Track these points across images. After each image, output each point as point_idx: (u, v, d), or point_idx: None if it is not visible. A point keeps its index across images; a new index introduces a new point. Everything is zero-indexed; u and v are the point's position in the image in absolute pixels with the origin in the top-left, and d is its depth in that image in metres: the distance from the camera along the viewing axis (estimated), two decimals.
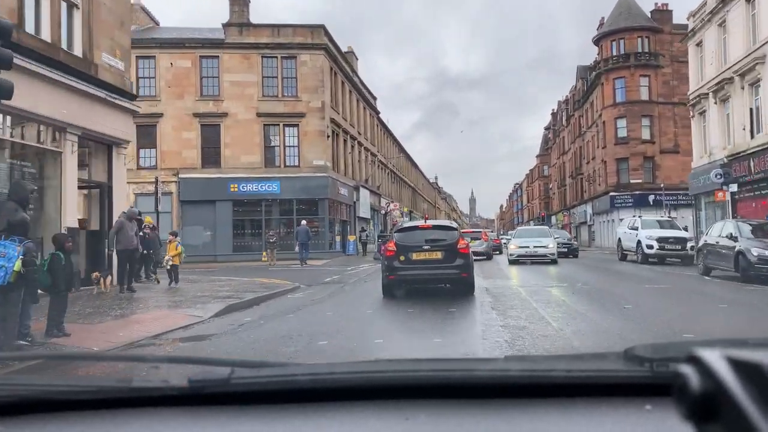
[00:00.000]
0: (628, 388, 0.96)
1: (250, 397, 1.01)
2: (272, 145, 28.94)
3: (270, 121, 28.80)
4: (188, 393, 1.01)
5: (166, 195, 27.88)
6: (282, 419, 0.95)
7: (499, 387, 0.98)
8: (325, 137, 28.90)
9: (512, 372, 1.06)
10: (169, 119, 28.53)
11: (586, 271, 17.97)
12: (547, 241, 20.76)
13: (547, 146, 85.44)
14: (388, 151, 51.07)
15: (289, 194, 28.59)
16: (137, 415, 0.99)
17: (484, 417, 0.92)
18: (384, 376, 1.08)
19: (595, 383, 0.98)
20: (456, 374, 1.07)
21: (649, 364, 0.98)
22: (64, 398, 1.04)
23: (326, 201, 28.83)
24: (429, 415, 0.94)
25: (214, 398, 1.01)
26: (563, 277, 14.98)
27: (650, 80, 44.31)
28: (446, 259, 10.30)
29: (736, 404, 0.51)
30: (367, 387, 1.02)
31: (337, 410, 0.97)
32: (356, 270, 20.05)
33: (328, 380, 1.06)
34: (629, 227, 22.42)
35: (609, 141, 45.36)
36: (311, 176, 28.50)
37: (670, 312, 8.74)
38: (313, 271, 19.57)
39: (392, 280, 10.45)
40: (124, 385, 1.08)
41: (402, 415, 0.94)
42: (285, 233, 29.16)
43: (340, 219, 32.59)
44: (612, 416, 0.91)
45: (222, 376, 1.01)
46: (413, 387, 1.02)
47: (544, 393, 0.97)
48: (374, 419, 0.95)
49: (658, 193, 43.29)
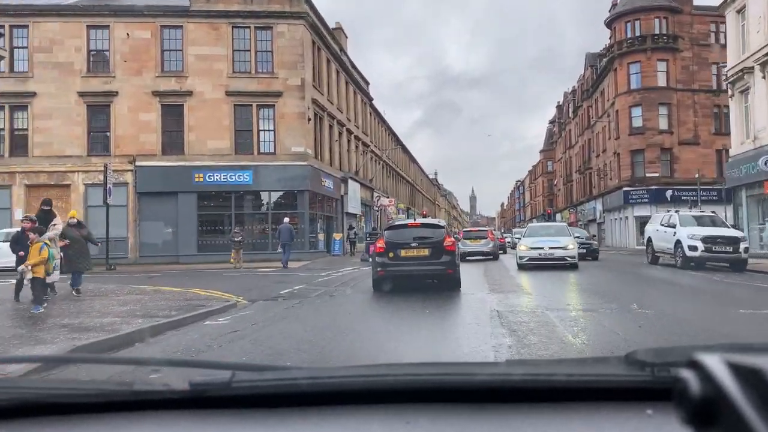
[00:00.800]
0: (629, 393, 0.96)
1: (251, 401, 1.01)
2: (244, 129, 25.13)
3: (241, 101, 24.98)
4: (189, 396, 1.01)
5: (120, 186, 24.15)
6: (283, 423, 0.96)
7: (501, 391, 0.99)
8: (305, 120, 25.10)
9: (514, 376, 1.06)
10: (124, 98, 24.73)
11: (622, 281, 14.21)
12: (566, 241, 16.83)
13: (552, 140, 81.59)
14: (383, 142, 47.21)
15: (264, 185, 24.80)
16: (138, 418, 0.99)
17: (486, 421, 0.93)
18: (385, 380, 1.08)
19: (596, 388, 0.98)
20: (457, 378, 1.07)
21: (650, 368, 0.98)
22: (65, 401, 1.03)
23: (306, 193, 25.04)
24: (430, 419, 0.94)
25: (215, 402, 1.01)
26: (599, 291, 11.21)
27: (668, 65, 40.58)
28: (433, 256, 10.75)
29: (736, 409, 0.51)
30: (369, 391, 1.02)
31: (338, 414, 0.98)
32: (333, 275, 16.30)
33: (329, 384, 1.06)
34: (663, 224, 18.64)
35: (623, 131, 41.64)
36: (289, 165, 24.71)
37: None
38: (279, 277, 15.81)
39: (382, 276, 10.95)
40: (125, 389, 1.06)
41: (403, 419, 0.94)
42: (259, 230, 25.36)
43: (324, 214, 28.81)
44: (613, 421, 0.91)
45: (223, 380, 1.01)
46: (414, 391, 1.02)
47: (546, 397, 0.98)
48: (375, 423, 0.95)
49: (677, 188, 39.68)
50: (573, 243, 16.83)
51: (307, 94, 25.36)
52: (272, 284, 13.45)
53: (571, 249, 16.53)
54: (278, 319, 8.10)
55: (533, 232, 18.64)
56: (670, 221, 18.15)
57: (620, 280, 14.22)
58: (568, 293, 11.19)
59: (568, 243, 16.73)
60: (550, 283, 13.02)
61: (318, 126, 27.51)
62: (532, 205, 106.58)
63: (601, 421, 0.91)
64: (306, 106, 25.20)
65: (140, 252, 24.57)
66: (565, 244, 16.61)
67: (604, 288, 11.87)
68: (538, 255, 16.55)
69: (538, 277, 14.52)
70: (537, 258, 16.55)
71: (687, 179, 40.12)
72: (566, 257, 16.42)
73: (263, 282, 14.37)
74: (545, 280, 13.55)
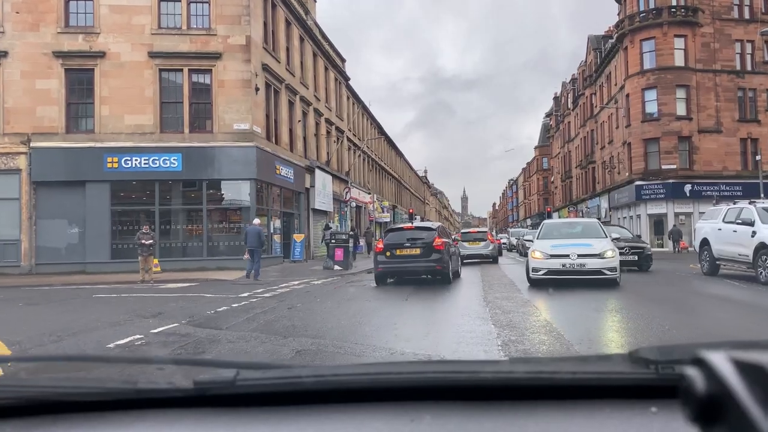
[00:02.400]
0: (633, 391, 0.95)
1: (255, 399, 1.01)
2: (172, 101, 19.67)
3: (169, 65, 19.53)
4: (193, 394, 1.00)
5: (10, 173, 18.70)
6: (287, 421, 0.95)
7: (504, 389, 0.98)
8: (252, 90, 19.69)
9: (517, 374, 1.05)
10: (16, 61, 19.20)
11: (695, 305, 8.88)
12: (602, 245, 11.39)
13: (548, 135, 76.53)
14: (364, 130, 41.74)
15: (197, 172, 19.36)
16: (143, 416, 0.99)
17: (489, 419, 0.92)
18: (389, 377, 1.07)
19: (600, 385, 0.97)
20: (461, 376, 1.06)
21: (654, 366, 0.97)
22: (69, 399, 1.03)
23: (253, 183, 19.63)
24: (434, 416, 0.93)
25: (219, 400, 1.00)
26: (686, 335, 5.95)
27: (686, 41, 35.63)
28: (424, 255, 12.43)
29: (741, 406, 0.51)
30: (372, 388, 1.02)
31: (342, 412, 0.97)
32: (267, 295, 11.01)
33: (333, 382, 1.05)
34: (729, 220, 13.44)
35: (634, 118, 36.65)
36: (230, 147, 19.31)
37: None
38: (172, 302, 10.43)
39: (380, 271, 12.81)
40: (129, 387, 1.06)
41: (407, 417, 0.93)
42: (190, 231, 19.90)
43: (282, 211, 23.37)
44: (617, 418, 0.90)
45: (227, 378, 1.01)
46: (418, 388, 1.01)
47: (549, 395, 0.97)
48: (379, 421, 0.94)
49: (697, 181, 34.71)
50: (612, 248, 11.41)
51: (254, 57, 19.93)
52: (131, 319, 8.05)
53: (611, 257, 11.10)
54: None
55: (551, 231, 13.01)
56: (742, 216, 12.92)
57: (693, 305, 8.91)
58: (644, 342, 5.88)
59: (605, 248, 11.30)
60: (594, 318, 7.73)
61: (272, 100, 22.09)
62: (526, 204, 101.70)
63: (605, 418, 0.90)
64: (252, 71, 19.77)
65: (37, 258, 19.06)
66: (601, 250, 11.18)
67: (690, 326, 6.61)
68: (562, 267, 11.11)
69: (567, 304, 9.21)
70: (561, 271, 11.11)
71: (708, 172, 35.20)
72: (604, 269, 11.00)
73: (135, 307, 8.99)
74: (581, 311, 8.27)
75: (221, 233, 19.74)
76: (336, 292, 11.91)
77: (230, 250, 19.42)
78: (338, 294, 11.46)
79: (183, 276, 16.65)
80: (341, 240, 19.64)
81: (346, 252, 19.40)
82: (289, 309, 9.08)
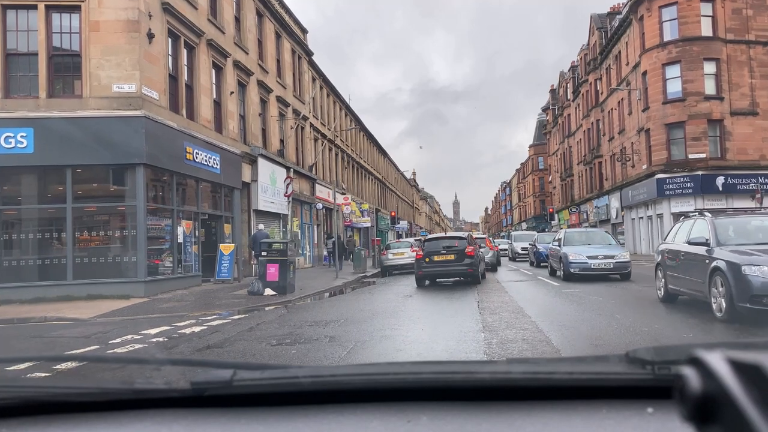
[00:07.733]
0: (629, 391, 0.95)
1: (252, 399, 1.00)
2: (22, 53, 13.46)
3: (18, 1, 13.34)
4: (190, 395, 1.00)
5: None
6: (284, 421, 0.95)
7: (501, 389, 0.98)
8: (141, 35, 13.53)
9: (514, 374, 1.05)
10: None
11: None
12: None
13: (545, 131, 70.72)
14: (338, 120, 35.54)
15: (58, 156, 13.08)
16: (140, 416, 0.98)
17: (486, 419, 0.91)
18: (386, 378, 1.07)
19: (596, 386, 0.97)
20: (458, 376, 1.05)
21: (650, 366, 0.97)
22: (67, 400, 1.02)
23: (142, 169, 13.39)
24: (431, 417, 0.93)
25: (216, 400, 1.00)
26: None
27: (715, 7, 30.14)
28: (457, 260, 14.45)
29: (736, 406, 0.51)
30: (369, 389, 1.01)
31: (339, 412, 0.96)
32: None
33: (330, 382, 1.05)
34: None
35: (653, 99, 30.98)
36: (106, 117, 13.13)
37: None
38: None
39: (420, 275, 14.83)
40: (126, 387, 1.05)
41: (404, 418, 0.93)
42: (48, 243, 13.64)
43: (202, 212, 17.07)
44: (614, 418, 0.90)
45: (224, 378, 1.00)
46: (415, 389, 1.01)
47: (546, 395, 0.96)
48: (376, 421, 0.94)
49: (731, 173, 28.96)
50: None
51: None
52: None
53: None
54: None
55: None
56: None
57: None
58: None
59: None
60: None
61: (183, 57, 15.91)
62: (521, 207, 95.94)
63: (602, 419, 0.90)
64: (144, 10, 13.62)
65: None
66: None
67: None
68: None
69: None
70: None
71: (743, 162, 29.44)
72: None
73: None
74: None
75: (96, 245, 13.50)
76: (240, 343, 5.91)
77: (110, 268, 13.23)
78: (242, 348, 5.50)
79: (31, 309, 10.44)
80: (277, 252, 13.58)
81: (283, 269, 13.36)
82: None
